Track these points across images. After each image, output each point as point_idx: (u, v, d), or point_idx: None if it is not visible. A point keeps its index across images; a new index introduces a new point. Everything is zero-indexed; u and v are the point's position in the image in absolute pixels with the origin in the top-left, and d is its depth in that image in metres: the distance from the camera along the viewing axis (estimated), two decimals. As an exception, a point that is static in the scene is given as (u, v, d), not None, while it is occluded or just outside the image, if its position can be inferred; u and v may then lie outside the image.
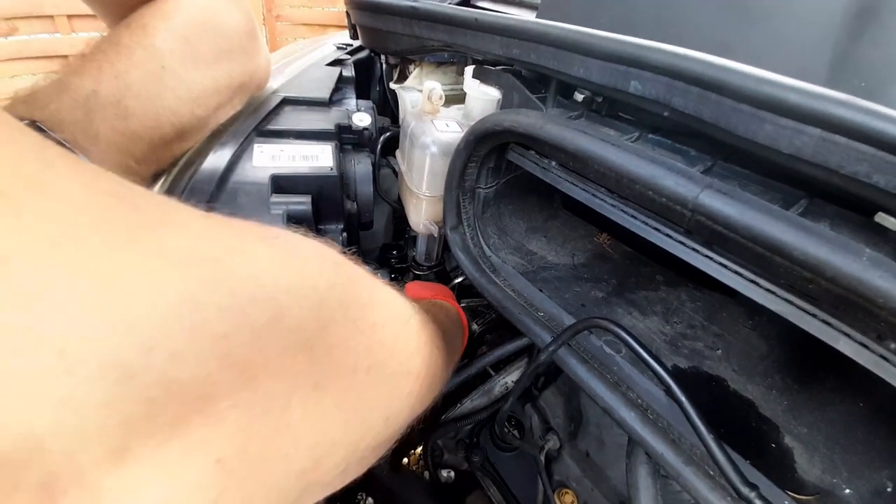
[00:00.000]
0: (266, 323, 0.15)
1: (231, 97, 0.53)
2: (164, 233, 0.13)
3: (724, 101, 0.27)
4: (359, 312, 0.21)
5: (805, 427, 0.40)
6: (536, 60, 0.40)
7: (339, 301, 0.19)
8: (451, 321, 0.50)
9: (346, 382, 0.19)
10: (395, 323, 0.24)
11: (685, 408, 0.28)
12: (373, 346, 0.21)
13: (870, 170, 0.22)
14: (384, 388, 0.22)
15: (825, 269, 0.23)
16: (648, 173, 0.29)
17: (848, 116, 0.22)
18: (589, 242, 0.67)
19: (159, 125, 0.43)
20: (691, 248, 0.32)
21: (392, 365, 0.23)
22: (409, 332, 0.26)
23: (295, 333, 0.16)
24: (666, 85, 0.30)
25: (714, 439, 0.27)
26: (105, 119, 0.37)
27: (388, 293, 0.26)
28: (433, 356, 0.28)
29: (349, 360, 0.19)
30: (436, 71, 0.68)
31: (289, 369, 0.16)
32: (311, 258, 0.20)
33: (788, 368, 0.46)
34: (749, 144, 0.27)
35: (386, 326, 0.23)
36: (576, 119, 0.43)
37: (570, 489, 0.61)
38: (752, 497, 0.26)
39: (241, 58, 0.52)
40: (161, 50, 0.42)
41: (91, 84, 0.37)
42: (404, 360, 0.24)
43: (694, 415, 0.28)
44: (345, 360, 0.19)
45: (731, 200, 0.26)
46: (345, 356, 0.19)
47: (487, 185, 0.56)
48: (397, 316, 0.25)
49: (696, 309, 0.55)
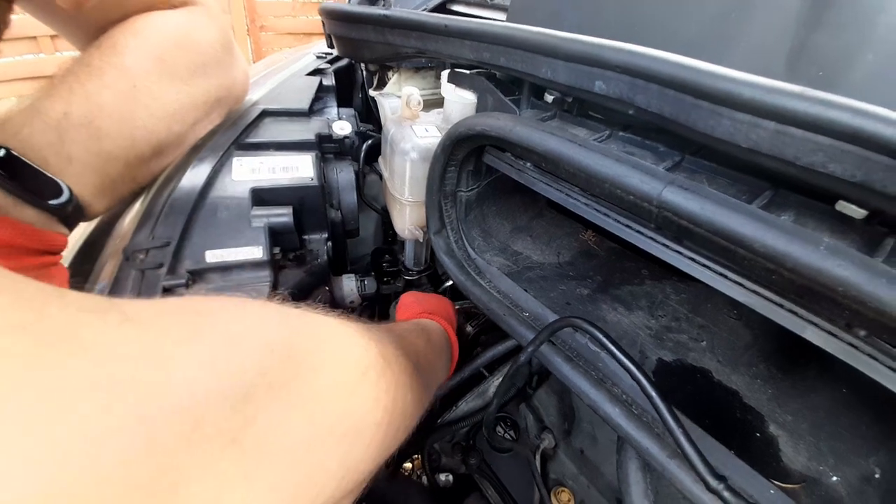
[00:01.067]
0: (182, 434, 0.15)
1: (209, 112, 0.53)
2: (70, 353, 0.13)
3: (683, 98, 0.27)
4: (298, 388, 0.20)
5: (790, 415, 0.41)
6: (506, 63, 0.40)
7: (270, 385, 0.19)
8: (433, 344, 0.49)
9: (284, 462, 0.18)
10: (348, 380, 0.23)
11: (655, 402, 0.29)
12: (315, 416, 0.20)
13: (825, 159, 0.22)
14: (334, 450, 0.22)
15: (784, 259, 0.23)
16: (614, 172, 0.30)
17: (800, 108, 0.22)
18: (574, 240, 0.67)
19: (134, 144, 0.43)
20: (662, 243, 0.32)
21: (344, 424, 0.22)
22: (367, 384, 0.24)
23: (217, 436, 0.16)
24: (628, 83, 0.31)
25: (683, 432, 0.27)
26: (77, 141, 0.38)
27: (340, 345, 0.24)
28: (399, 398, 0.27)
29: (285, 441, 0.19)
30: (414, 76, 0.69)
31: (214, 470, 0.16)
32: (241, 342, 0.19)
33: (773, 357, 0.47)
34: (709, 140, 0.27)
35: (336, 387, 0.22)
36: (548, 120, 0.43)
37: (566, 487, 0.62)
38: (720, 489, 0.26)
39: (218, 72, 0.53)
40: (132, 69, 0.42)
41: (62, 106, 0.38)
42: (362, 413, 0.24)
43: (664, 408, 0.28)
44: (280, 443, 0.18)
45: (693, 196, 0.26)
46: (280, 439, 0.18)
47: (469, 188, 0.56)
48: (351, 370, 0.24)
49: (681, 301, 0.55)
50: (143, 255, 0.44)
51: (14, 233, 0.33)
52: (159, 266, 0.44)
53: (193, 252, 0.47)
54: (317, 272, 0.56)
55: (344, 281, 0.60)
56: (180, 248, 0.46)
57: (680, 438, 0.27)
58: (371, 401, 0.24)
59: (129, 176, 0.44)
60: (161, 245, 0.45)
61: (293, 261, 0.53)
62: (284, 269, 0.53)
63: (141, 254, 0.44)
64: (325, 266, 0.56)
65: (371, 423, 0.24)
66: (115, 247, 0.49)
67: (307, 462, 0.19)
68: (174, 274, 0.46)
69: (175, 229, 0.46)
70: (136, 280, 0.44)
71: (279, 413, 0.18)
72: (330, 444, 0.21)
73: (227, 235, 0.47)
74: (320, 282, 0.58)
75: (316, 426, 0.20)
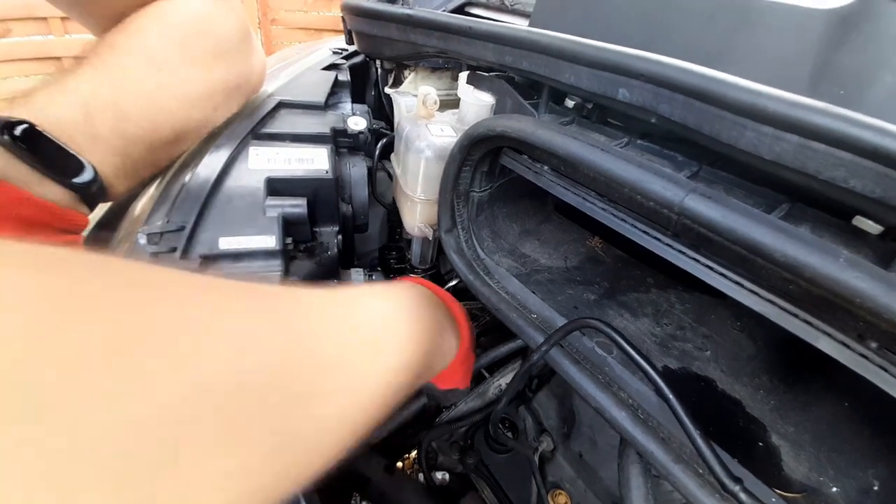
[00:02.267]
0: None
1: (227, 99, 0.53)
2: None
3: (708, 109, 0.28)
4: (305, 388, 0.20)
5: (792, 426, 0.41)
6: (528, 67, 0.41)
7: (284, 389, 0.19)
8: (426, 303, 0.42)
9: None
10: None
11: (672, 404, 0.29)
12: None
13: (847, 175, 0.23)
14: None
15: (804, 270, 0.24)
16: (636, 177, 0.30)
17: (824, 124, 0.23)
18: (581, 246, 0.67)
19: (157, 128, 0.43)
20: (678, 250, 0.32)
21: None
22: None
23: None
24: (652, 92, 0.31)
25: (700, 435, 0.28)
26: (103, 121, 0.38)
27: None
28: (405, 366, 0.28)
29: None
30: (430, 76, 0.69)
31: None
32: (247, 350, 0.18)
33: (775, 369, 0.47)
34: (732, 150, 0.28)
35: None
36: (567, 125, 0.44)
37: (563, 490, 0.62)
38: (736, 490, 0.26)
39: (237, 60, 0.53)
40: (156, 53, 0.43)
41: (88, 86, 0.38)
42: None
43: (681, 411, 0.29)
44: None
45: (715, 204, 0.27)
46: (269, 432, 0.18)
47: (481, 189, 0.56)
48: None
49: (686, 311, 0.56)
50: (158, 239, 0.44)
51: (37, 210, 0.33)
52: (173, 250, 0.44)
53: (207, 238, 0.47)
54: (326, 264, 0.56)
55: (353, 275, 0.60)
56: (194, 233, 0.46)
57: (697, 440, 0.27)
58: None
59: (150, 159, 0.44)
60: (176, 229, 0.45)
61: (304, 252, 0.54)
62: (295, 259, 0.53)
63: (155, 237, 0.44)
64: (335, 259, 0.56)
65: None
66: (128, 229, 0.49)
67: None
68: (187, 258, 0.46)
69: (190, 215, 0.46)
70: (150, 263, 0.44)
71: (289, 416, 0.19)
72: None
73: (241, 223, 0.48)
74: (329, 274, 0.58)
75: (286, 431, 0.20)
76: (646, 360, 0.31)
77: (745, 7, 0.34)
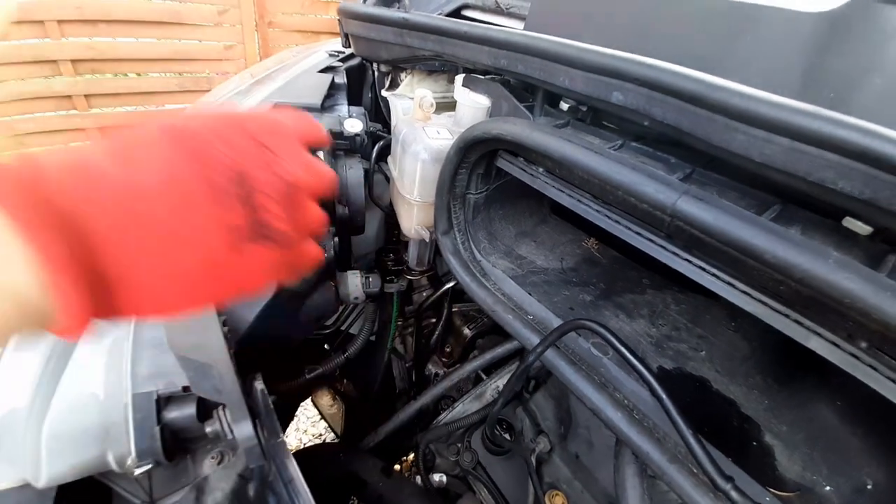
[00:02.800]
0: None
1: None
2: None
3: (700, 112, 0.28)
4: None
5: (785, 425, 0.42)
6: (524, 71, 0.41)
7: None
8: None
9: None
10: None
11: (665, 404, 0.29)
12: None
13: (835, 176, 0.24)
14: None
15: (794, 271, 0.24)
16: (629, 180, 0.30)
17: (813, 126, 0.23)
18: (577, 247, 0.68)
19: None
20: (672, 252, 0.33)
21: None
22: None
23: None
24: (646, 96, 0.32)
25: (692, 434, 0.28)
26: None
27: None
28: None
29: None
30: (427, 79, 0.70)
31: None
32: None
33: (770, 369, 0.48)
34: (724, 153, 0.28)
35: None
36: (562, 127, 0.44)
37: (560, 491, 0.62)
38: (727, 489, 0.26)
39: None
40: None
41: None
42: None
43: (674, 411, 0.29)
44: None
45: (707, 206, 0.27)
46: None
47: (478, 191, 0.57)
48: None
49: (681, 311, 0.56)
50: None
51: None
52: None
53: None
54: (322, 267, 0.56)
55: (349, 277, 0.60)
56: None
57: (690, 440, 0.27)
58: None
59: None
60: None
61: (301, 255, 0.54)
62: (292, 262, 0.53)
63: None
64: (331, 261, 0.56)
65: None
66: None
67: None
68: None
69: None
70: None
71: None
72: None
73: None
74: (326, 277, 0.58)
75: None
76: (640, 361, 0.32)
77: (736, 11, 0.34)
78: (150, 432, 0.40)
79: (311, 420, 1.75)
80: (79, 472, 0.42)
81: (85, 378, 0.43)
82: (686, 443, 0.28)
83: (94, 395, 0.42)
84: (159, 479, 0.44)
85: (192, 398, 0.41)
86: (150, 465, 0.41)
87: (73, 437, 0.41)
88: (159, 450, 0.41)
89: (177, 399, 0.42)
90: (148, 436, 0.40)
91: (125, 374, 0.42)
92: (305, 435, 1.74)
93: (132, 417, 0.41)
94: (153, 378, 0.42)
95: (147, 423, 0.41)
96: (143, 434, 0.40)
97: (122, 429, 0.41)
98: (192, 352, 0.41)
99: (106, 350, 0.44)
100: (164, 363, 0.43)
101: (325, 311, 0.57)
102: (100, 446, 0.42)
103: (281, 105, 0.63)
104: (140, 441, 0.40)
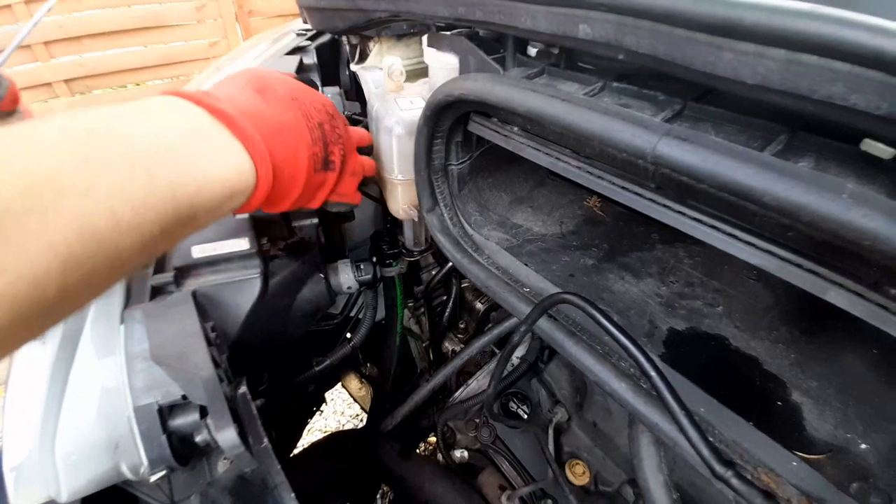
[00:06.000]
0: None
1: None
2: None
3: (678, 33, 0.24)
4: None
5: (815, 380, 0.38)
6: (483, 17, 0.37)
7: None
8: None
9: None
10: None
11: (656, 382, 0.26)
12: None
13: (845, 90, 0.19)
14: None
15: (801, 212, 0.20)
16: (602, 127, 0.26)
17: (812, 29, 0.18)
18: (578, 207, 0.63)
19: None
20: (662, 204, 0.29)
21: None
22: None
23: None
24: (615, 24, 0.27)
25: (686, 416, 0.25)
26: None
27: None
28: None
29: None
30: (397, 45, 0.64)
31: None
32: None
33: (796, 319, 0.43)
34: (711, 80, 0.24)
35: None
36: (535, 77, 0.39)
37: (580, 460, 0.60)
38: (727, 476, 0.23)
39: None
40: None
41: None
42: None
43: (666, 391, 0.26)
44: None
45: (693, 146, 0.23)
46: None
47: (459, 161, 0.53)
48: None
49: (695, 265, 0.52)
50: (128, 256, 0.43)
51: None
52: (144, 266, 0.43)
53: (179, 248, 0.46)
54: (309, 260, 0.54)
55: (340, 267, 0.59)
56: (165, 245, 0.45)
57: (685, 424, 0.24)
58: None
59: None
60: (145, 244, 0.44)
61: (283, 249, 0.52)
62: (276, 258, 0.52)
63: (125, 254, 0.43)
64: (315, 252, 0.54)
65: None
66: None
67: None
68: (162, 272, 0.45)
69: (158, 227, 0.45)
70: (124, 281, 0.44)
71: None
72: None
73: (211, 229, 0.46)
74: (315, 269, 0.56)
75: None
76: (623, 334, 0.28)
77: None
78: (157, 441, 0.41)
79: (346, 402, 1.81)
80: (97, 484, 0.43)
81: (86, 396, 0.44)
82: (681, 427, 0.25)
83: (98, 412, 0.43)
84: (178, 482, 0.45)
85: (195, 405, 0.41)
86: (164, 471, 0.42)
87: (84, 453, 0.42)
88: (170, 456, 0.41)
89: (180, 407, 0.42)
90: (156, 445, 0.41)
91: (124, 388, 0.43)
92: (343, 417, 1.81)
93: (138, 429, 0.41)
94: (150, 390, 0.42)
95: (153, 432, 0.41)
96: (151, 443, 0.41)
97: (130, 441, 0.42)
98: (176, 362, 0.40)
99: (102, 368, 0.45)
100: (157, 375, 0.43)
101: (320, 303, 0.56)
102: (112, 459, 0.43)
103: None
104: (150, 451, 0.41)
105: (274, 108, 0.35)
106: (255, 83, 0.36)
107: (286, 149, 0.34)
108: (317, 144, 0.38)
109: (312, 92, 0.41)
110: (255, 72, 0.38)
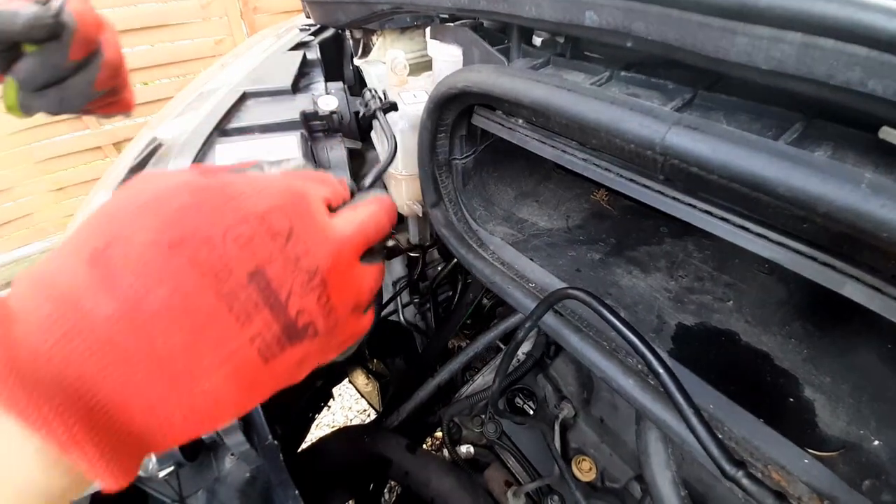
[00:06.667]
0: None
1: None
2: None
3: (689, 17, 0.23)
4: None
5: (828, 376, 0.37)
6: (487, 6, 0.36)
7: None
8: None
9: None
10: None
11: (663, 380, 0.26)
12: None
13: (863, 76, 0.18)
14: None
15: (816, 203, 0.19)
16: (609, 117, 0.26)
17: (829, 13, 0.17)
18: (585, 201, 0.62)
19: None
20: (671, 196, 0.28)
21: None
22: None
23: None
24: (623, 10, 0.26)
25: (695, 413, 0.24)
26: None
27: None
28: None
29: None
30: (400, 38, 0.64)
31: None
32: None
33: (809, 313, 0.42)
34: (724, 66, 0.23)
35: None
36: (540, 68, 0.38)
37: (587, 456, 0.60)
38: (738, 477, 0.23)
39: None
40: None
41: None
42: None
43: (675, 390, 0.25)
44: None
45: (703, 136, 0.22)
46: None
47: (464, 156, 0.52)
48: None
49: (705, 259, 0.51)
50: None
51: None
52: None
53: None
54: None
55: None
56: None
57: (695, 424, 0.24)
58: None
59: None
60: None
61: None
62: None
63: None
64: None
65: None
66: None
67: None
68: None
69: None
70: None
71: None
72: None
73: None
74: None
75: None
76: (631, 331, 0.28)
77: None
78: (162, 438, 0.41)
79: (354, 397, 1.82)
80: (105, 480, 0.44)
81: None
82: (691, 427, 0.25)
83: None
84: (187, 478, 0.45)
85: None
86: (172, 467, 0.43)
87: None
88: (177, 452, 0.42)
89: (184, 404, 0.42)
90: (161, 441, 0.41)
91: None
92: (350, 412, 1.82)
93: (146, 425, 0.42)
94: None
95: (158, 429, 0.41)
96: (156, 440, 0.41)
97: (136, 437, 0.43)
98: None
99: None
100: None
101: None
102: (121, 454, 0.44)
103: (250, 93, 0.60)
104: (155, 447, 0.42)
105: (120, 291, 0.17)
106: (96, 239, 0.18)
107: (163, 372, 0.17)
108: (253, 319, 0.19)
109: (243, 194, 0.20)
110: (108, 208, 0.19)
